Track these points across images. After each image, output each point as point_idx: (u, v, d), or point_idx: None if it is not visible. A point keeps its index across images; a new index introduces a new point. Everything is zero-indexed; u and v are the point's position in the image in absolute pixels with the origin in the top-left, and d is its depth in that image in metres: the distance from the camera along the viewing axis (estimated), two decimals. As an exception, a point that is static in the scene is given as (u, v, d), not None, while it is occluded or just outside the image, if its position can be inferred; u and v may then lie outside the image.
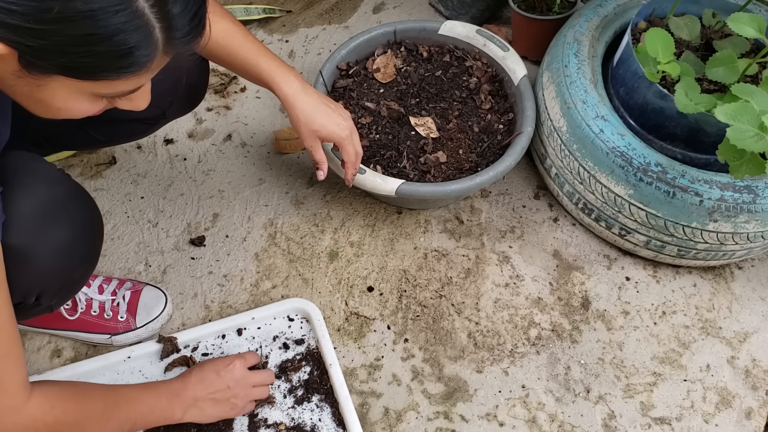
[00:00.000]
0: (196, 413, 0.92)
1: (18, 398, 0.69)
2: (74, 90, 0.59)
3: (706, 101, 0.98)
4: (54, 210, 0.74)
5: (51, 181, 0.75)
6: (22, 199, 0.71)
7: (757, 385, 1.10)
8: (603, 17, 1.22)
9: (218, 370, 0.95)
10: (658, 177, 1.04)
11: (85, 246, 0.81)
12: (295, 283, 1.18)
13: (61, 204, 0.76)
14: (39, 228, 0.72)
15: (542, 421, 1.05)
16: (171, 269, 1.19)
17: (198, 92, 1.05)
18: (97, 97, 0.61)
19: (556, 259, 1.22)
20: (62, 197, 0.76)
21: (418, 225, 1.25)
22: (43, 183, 0.74)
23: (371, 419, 1.05)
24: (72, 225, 0.76)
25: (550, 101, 1.18)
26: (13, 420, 0.69)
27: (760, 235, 1.07)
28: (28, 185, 0.73)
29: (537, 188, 1.31)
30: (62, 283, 0.80)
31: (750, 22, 0.96)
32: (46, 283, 0.76)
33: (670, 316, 1.16)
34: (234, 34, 0.95)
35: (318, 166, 1.03)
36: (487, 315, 1.15)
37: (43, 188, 0.74)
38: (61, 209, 0.76)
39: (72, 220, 0.77)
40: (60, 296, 0.83)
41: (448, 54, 1.33)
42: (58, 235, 0.74)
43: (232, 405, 0.95)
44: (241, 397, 0.96)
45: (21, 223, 0.70)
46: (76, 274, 0.82)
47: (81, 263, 0.82)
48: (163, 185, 1.30)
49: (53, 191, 0.75)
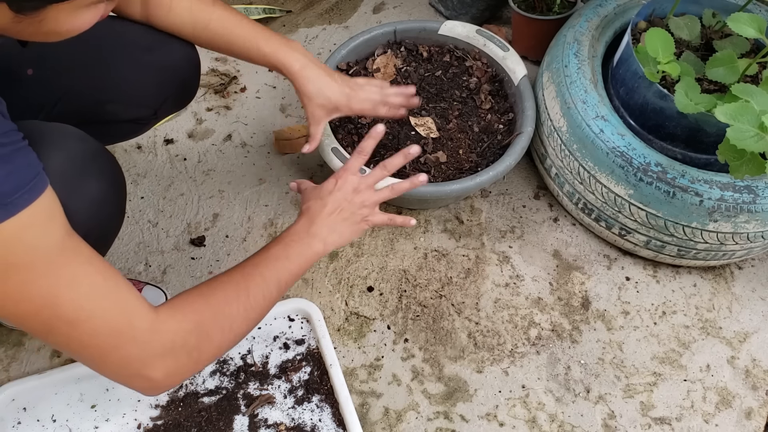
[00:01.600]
0: (335, 238, 0.86)
1: (150, 318, 0.66)
2: (71, 9, 0.60)
3: (706, 101, 0.98)
4: (87, 163, 0.75)
5: (78, 137, 0.76)
6: (55, 153, 0.72)
7: (757, 385, 1.10)
8: (603, 17, 1.22)
9: (330, 190, 0.88)
10: (658, 177, 1.04)
11: (116, 201, 0.81)
12: (295, 283, 1.18)
13: (91, 158, 0.76)
14: (74, 180, 0.72)
15: (542, 421, 1.05)
16: (171, 269, 1.19)
17: (189, 90, 1.04)
18: (94, 3, 0.62)
19: (556, 259, 1.22)
20: (91, 152, 0.77)
21: (418, 225, 1.25)
22: (72, 139, 0.75)
23: (371, 419, 1.05)
24: (103, 178, 0.77)
25: (550, 101, 1.18)
26: (157, 339, 0.66)
27: (760, 235, 1.07)
28: (58, 141, 0.73)
29: (537, 188, 1.31)
30: (96, 240, 0.80)
31: (750, 22, 0.96)
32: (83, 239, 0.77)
33: (670, 316, 1.16)
34: (229, 20, 0.95)
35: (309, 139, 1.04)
36: (487, 315, 1.15)
37: (73, 143, 0.75)
38: (93, 163, 0.76)
39: (103, 173, 0.77)
40: None
41: (448, 54, 1.33)
42: (91, 188, 0.75)
43: (362, 216, 0.89)
44: (368, 204, 0.90)
45: (56, 177, 0.70)
46: (107, 230, 0.83)
47: (111, 219, 0.82)
48: (163, 185, 1.30)
49: (83, 146, 0.76)
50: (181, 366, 0.69)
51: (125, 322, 0.64)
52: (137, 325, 0.65)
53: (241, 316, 0.75)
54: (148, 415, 1.01)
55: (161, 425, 1.00)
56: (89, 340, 0.63)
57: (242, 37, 0.96)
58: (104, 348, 0.64)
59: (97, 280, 0.63)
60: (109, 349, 0.64)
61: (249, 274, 0.77)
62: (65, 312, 0.60)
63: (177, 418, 1.01)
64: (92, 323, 0.62)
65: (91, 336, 0.63)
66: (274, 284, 0.78)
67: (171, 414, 1.01)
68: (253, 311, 0.76)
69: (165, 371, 0.67)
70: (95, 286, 0.62)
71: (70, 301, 0.60)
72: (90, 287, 0.62)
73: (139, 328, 0.65)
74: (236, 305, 0.74)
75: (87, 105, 0.92)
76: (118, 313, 0.64)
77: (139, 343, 0.65)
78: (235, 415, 1.01)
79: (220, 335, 0.73)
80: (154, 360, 0.66)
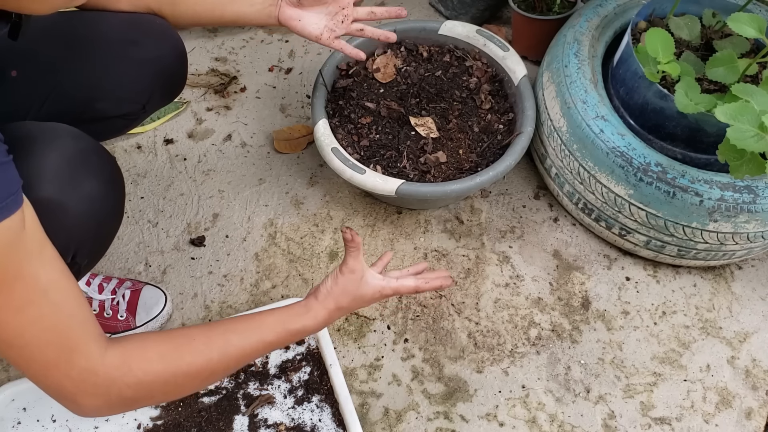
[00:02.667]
0: (338, 315, 0.83)
1: (93, 358, 0.63)
2: None
3: (706, 101, 0.98)
4: (82, 162, 0.75)
5: (74, 135, 0.76)
6: (50, 152, 0.71)
7: (757, 385, 1.10)
8: (603, 17, 1.22)
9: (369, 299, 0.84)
10: (658, 177, 1.04)
11: (113, 199, 0.81)
12: (295, 283, 1.18)
13: (87, 156, 0.76)
14: (70, 179, 0.72)
15: (542, 421, 1.05)
16: (171, 269, 1.19)
17: (177, 82, 1.03)
18: None
19: (556, 259, 1.22)
20: (87, 150, 0.77)
21: (418, 225, 1.25)
22: (68, 137, 0.75)
23: (371, 419, 1.04)
24: (100, 176, 0.77)
25: (550, 101, 1.18)
26: (92, 381, 0.64)
27: (760, 235, 1.07)
28: (53, 140, 0.73)
29: (537, 188, 1.31)
30: (95, 239, 0.80)
31: (750, 22, 0.96)
32: (81, 238, 0.76)
33: (670, 316, 1.16)
34: None
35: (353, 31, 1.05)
36: (487, 315, 1.15)
37: (69, 142, 0.75)
38: (88, 161, 0.76)
39: (99, 171, 0.77)
40: (93, 255, 0.83)
41: (448, 54, 1.33)
42: (89, 186, 0.75)
43: None
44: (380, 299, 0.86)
45: (52, 176, 0.70)
46: (106, 229, 0.83)
47: (110, 217, 0.82)
48: (163, 185, 1.30)
49: (78, 144, 0.76)
50: (113, 408, 0.67)
51: (63, 358, 0.63)
52: (76, 363, 0.63)
53: (195, 387, 0.72)
54: (148, 415, 1.01)
55: (161, 425, 1.00)
56: (24, 363, 0.62)
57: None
58: (37, 374, 0.63)
59: (45, 312, 0.61)
60: (41, 377, 0.63)
61: (225, 348, 0.72)
62: (5, 334, 0.60)
63: (177, 418, 1.01)
64: (28, 351, 0.61)
65: (26, 361, 0.62)
66: (249, 358, 0.74)
67: (171, 414, 1.01)
68: (211, 381, 0.73)
69: (94, 408, 0.66)
70: (42, 317, 0.61)
71: (12, 326, 0.60)
72: (36, 317, 0.60)
73: (77, 367, 0.63)
74: (198, 381, 0.71)
75: (74, 104, 0.91)
76: (57, 348, 0.62)
77: (72, 380, 0.63)
78: (235, 415, 1.01)
79: (163, 397, 0.72)
80: (85, 396, 0.65)
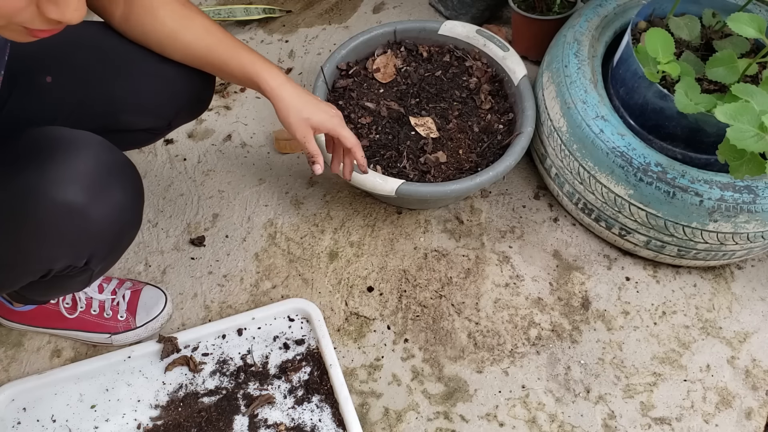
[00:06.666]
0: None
1: None
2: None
3: (706, 101, 0.98)
4: (112, 172, 0.76)
5: (107, 146, 0.77)
6: (81, 159, 0.72)
7: (757, 385, 1.10)
8: (603, 17, 1.22)
9: None
10: (658, 177, 1.04)
11: (134, 210, 0.82)
12: (295, 283, 1.18)
13: (119, 167, 0.77)
14: (98, 187, 0.73)
15: (542, 421, 1.05)
16: (171, 269, 1.19)
17: (203, 100, 1.03)
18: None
19: (556, 259, 1.22)
20: (119, 162, 0.78)
21: (418, 225, 1.25)
22: (103, 146, 0.76)
23: (371, 419, 1.04)
24: (127, 188, 0.78)
25: (550, 101, 1.18)
26: None
27: (760, 235, 1.07)
28: (86, 147, 0.74)
29: (537, 188, 1.31)
30: (111, 248, 0.82)
31: (750, 22, 0.96)
32: (98, 245, 0.78)
33: (670, 316, 1.16)
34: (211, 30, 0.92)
35: (313, 159, 1.00)
36: (487, 315, 1.15)
37: (104, 151, 0.76)
38: (120, 172, 0.77)
39: (127, 183, 0.79)
40: (106, 262, 0.84)
41: (448, 54, 1.33)
42: (116, 196, 0.76)
43: None
44: None
45: (81, 182, 0.71)
46: (124, 239, 0.84)
47: (128, 229, 0.83)
48: (163, 185, 1.30)
49: (111, 156, 0.77)
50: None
51: None
52: None
53: None
54: (148, 415, 1.01)
55: (161, 425, 1.00)
56: None
57: (222, 47, 0.93)
58: None
59: None
60: None
61: None
62: None
63: (177, 418, 1.01)
64: None
65: None
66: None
67: (171, 414, 1.01)
68: None
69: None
70: None
71: None
72: None
73: None
74: None
75: (102, 114, 0.92)
76: None
77: None
78: (235, 415, 1.01)
79: None
80: None
